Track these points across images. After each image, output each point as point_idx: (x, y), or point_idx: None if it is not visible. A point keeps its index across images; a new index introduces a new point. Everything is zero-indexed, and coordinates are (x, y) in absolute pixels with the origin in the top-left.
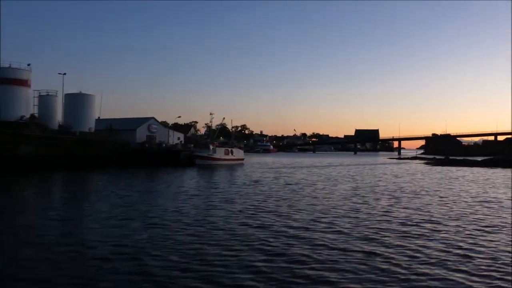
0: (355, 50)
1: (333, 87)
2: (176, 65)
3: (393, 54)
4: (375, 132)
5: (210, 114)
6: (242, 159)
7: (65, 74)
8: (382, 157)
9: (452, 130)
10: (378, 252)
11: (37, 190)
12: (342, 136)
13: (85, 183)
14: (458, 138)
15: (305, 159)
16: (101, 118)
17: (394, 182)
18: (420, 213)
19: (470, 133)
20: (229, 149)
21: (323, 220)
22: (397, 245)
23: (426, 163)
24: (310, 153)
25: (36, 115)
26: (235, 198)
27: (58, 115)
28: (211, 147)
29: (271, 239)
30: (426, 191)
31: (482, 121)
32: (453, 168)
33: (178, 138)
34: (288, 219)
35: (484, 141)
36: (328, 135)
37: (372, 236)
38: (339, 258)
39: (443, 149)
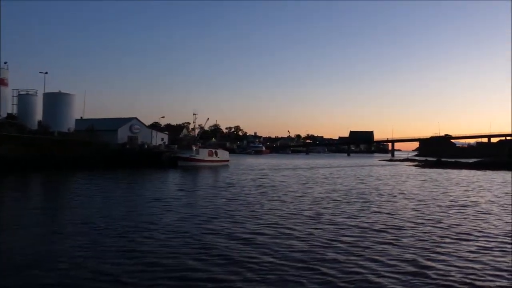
0: (352, 51)
1: (329, 89)
2: (171, 65)
3: (390, 55)
4: (370, 133)
5: (194, 114)
6: (227, 161)
7: (46, 73)
8: (374, 159)
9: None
10: (312, 266)
11: None
12: (337, 138)
13: (48, 185)
14: (452, 140)
15: (295, 161)
16: (84, 118)
17: (375, 185)
18: (387, 218)
19: (464, 135)
20: (213, 150)
21: (276, 227)
22: (342, 258)
23: (416, 165)
24: (303, 155)
25: (16, 114)
26: (197, 202)
27: (39, 115)
28: (194, 148)
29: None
30: (404, 194)
31: (477, 123)
32: (442, 170)
33: (162, 139)
34: (238, 227)
35: (478, 143)
36: (322, 137)
37: (316, 247)
38: (261, 275)
39: (437, 151)
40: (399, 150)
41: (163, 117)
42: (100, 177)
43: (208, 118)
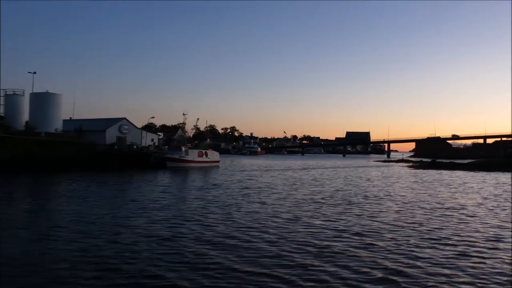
0: (349, 52)
1: (326, 89)
2: (168, 66)
3: (388, 56)
4: (366, 134)
5: (183, 114)
6: (217, 162)
7: (35, 73)
8: (369, 160)
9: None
10: (276, 273)
11: None
12: (334, 139)
13: (29, 187)
14: (448, 141)
15: (289, 162)
16: (73, 118)
17: (363, 186)
18: (366, 222)
19: (459, 136)
20: (203, 151)
21: (248, 231)
22: (309, 264)
23: (409, 166)
24: (298, 156)
25: (2, 115)
26: (174, 204)
27: (26, 115)
28: (183, 149)
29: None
30: (391, 196)
31: (473, 124)
32: (434, 172)
33: (152, 140)
34: (208, 230)
35: (474, 144)
36: (319, 138)
37: (285, 251)
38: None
39: (433, 152)
40: (396, 151)
41: (153, 117)
42: (84, 178)
43: (198, 118)
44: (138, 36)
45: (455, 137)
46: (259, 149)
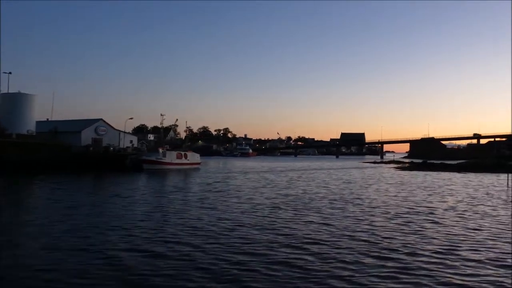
0: (347, 53)
1: (322, 90)
2: (160, 68)
3: (386, 56)
4: (361, 135)
5: (161, 115)
6: (198, 163)
7: (10, 73)
8: (359, 161)
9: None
10: None
11: None
12: (329, 140)
13: None
14: (442, 142)
15: (277, 163)
16: (50, 120)
17: (335, 189)
18: (314, 230)
19: (453, 136)
20: (182, 153)
21: (172, 241)
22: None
23: (397, 168)
24: (291, 157)
25: None
26: (114, 210)
27: None
28: (160, 150)
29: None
30: (360, 199)
31: (471, 124)
32: (421, 173)
33: (131, 141)
34: (125, 241)
35: (469, 145)
36: (313, 139)
37: (197, 267)
38: None
39: (427, 153)
40: (392, 152)
41: (131, 118)
42: (49, 182)
43: (177, 119)
44: (134, 37)
45: (448, 138)
46: (250, 150)
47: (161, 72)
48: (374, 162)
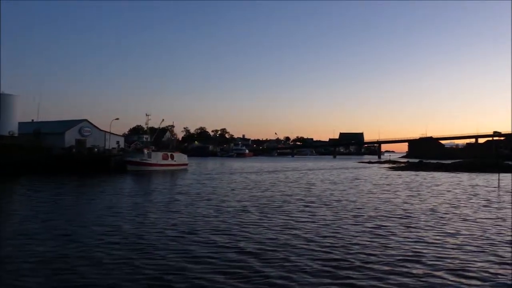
0: (348, 53)
1: (322, 90)
2: (158, 68)
3: (386, 56)
4: (360, 135)
5: (146, 115)
6: (185, 165)
7: None
8: (355, 161)
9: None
10: None
11: None
12: (327, 140)
13: None
14: (441, 141)
15: (270, 164)
16: (36, 121)
17: (314, 191)
18: (274, 234)
19: (451, 136)
20: (168, 153)
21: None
22: None
23: (390, 168)
24: (288, 157)
25: None
26: (71, 213)
27: None
28: (145, 151)
29: None
30: (336, 202)
31: (470, 123)
32: (413, 173)
33: (117, 142)
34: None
35: (468, 144)
36: (312, 139)
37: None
38: None
39: (425, 152)
40: (393, 151)
41: (117, 118)
42: (25, 185)
43: (163, 119)
44: (132, 37)
45: (446, 137)
46: (246, 151)
47: (160, 73)
48: (369, 162)
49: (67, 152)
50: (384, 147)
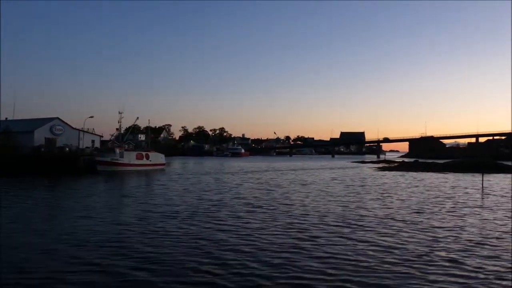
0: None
1: (324, 90)
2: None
3: (388, 56)
4: (361, 134)
5: (119, 113)
6: (163, 165)
7: None
8: (348, 161)
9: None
10: None
11: None
12: (328, 139)
13: None
14: (442, 140)
15: (264, 164)
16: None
17: (281, 193)
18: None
19: (452, 135)
20: (144, 153)
21: None
22: None
23: (379, 168)
24: (286, 157)
25: None
26: None
27: None
28: (117, 150)
29: None
30: (290, 205)
31: (473, 122)
32: (399, 173)
33: (92, 141)
34: None
35: (469, 143)
36: (313, 138)
37: None
38: None
39: (426, 152)
40: (397, 151)
41: (91, 116)
42: None
43: (137, 117)
44: (132, 37)
45: (447, 136)
46: (242, 150)
47: (160, 73)
48: (363, 162)
49: (36, 151)
50: (387, 146)
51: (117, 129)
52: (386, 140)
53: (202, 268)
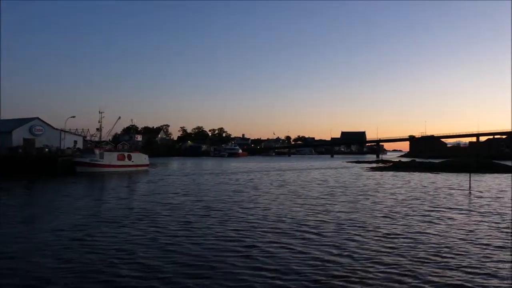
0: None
1: (326, 90)
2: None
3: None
4: (362, 134)
5: (100, 112)
6: (146, 166)
7: None
8: (343, 161)
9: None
10: None
11: None
12: (329, 139)
13: None
14: (443, 140)
15: (258, 164)
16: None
17: (251, 194)
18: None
19: (452, 134)
20: (125, 154)
21: None
22: None
23: (371, 168)
24: (284, 157)
25: None
26: None
27: None
28: (97, 151)
29: None
30: (250, 208)
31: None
32: (389, 174)
33: (75, 142)
34: None
35: (470, 143)
36: (314, 138)
37: None
38: None
39: (426, 151)
40: (401, 150)
41: (73, 116)
42: None
43: (119, 117)
44: (134, 37)
45: (447, 136)
46: (240, 150)
47: (160, 73)
48: (357, 162)
49: (13, 152)
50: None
51: (97, 129)
52: (386, 139)
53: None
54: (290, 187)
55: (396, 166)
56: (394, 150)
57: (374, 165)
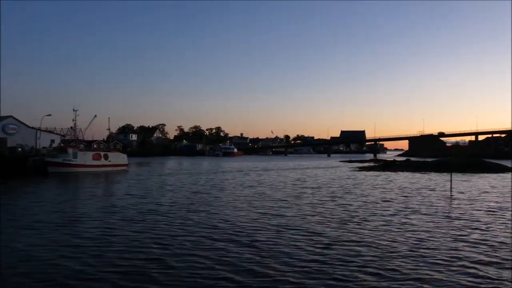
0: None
1: (325, 89)
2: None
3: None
4: (361, 133)
5: (74, 110)
6: (125, 165)
7: None
8: (336, 160)
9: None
10: None
11: None
12: (329, 138)
13: None
14: (441, 138)
15: (251, 163)
16: None
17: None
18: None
19: (451, 133)
20: (102, 153)
21: None
22: None
23: (360, 168)
24: (281, 156)
25: None
26: None
27: None
28: (70, 151)
29: None
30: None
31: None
32: (375, 173)
33: (52, 141)
34: None
35: (470, 142)
36: (313, 137)
37: None
38: None
39: (425, 150)
40: (402, 150)
41: (49, 115)
42: None
43: (95, 115)
44: (134, 36)
45: (446, 134)
46: (235, 150)
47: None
48: (350, 161)
49: None
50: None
51: (71, 127)
52: (384, 138)
53: None
54: (260, 188)
55: (385, 166)
56: (396, 149)
57: (365, 164)
